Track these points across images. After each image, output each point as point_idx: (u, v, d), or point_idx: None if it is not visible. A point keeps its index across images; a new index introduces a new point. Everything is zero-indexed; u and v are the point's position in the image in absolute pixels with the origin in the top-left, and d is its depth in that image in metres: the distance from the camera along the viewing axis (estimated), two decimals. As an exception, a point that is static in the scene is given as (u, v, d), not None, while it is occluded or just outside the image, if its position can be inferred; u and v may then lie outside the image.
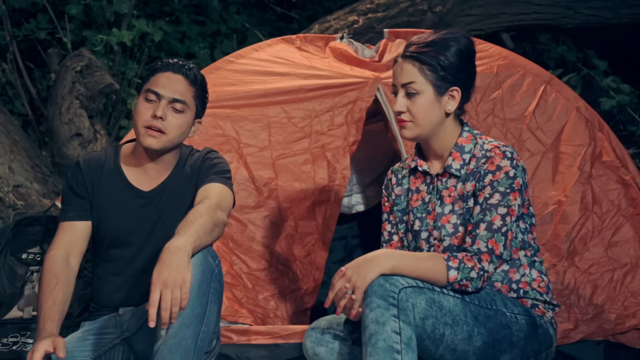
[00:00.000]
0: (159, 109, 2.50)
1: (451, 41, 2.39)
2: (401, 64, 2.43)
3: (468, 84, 2.44)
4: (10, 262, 2.85)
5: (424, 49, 2.39)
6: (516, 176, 2.35)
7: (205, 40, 6.13)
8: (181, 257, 2.14)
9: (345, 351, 2.39)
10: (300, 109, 3.40)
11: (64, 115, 4.67)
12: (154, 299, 2.10)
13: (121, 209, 2.59)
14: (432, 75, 2.38)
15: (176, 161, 2.64)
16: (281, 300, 3.24)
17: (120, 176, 2.61)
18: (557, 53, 5.57)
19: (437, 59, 2.37)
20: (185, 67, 2.57)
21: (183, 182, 2.61)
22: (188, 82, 2.56)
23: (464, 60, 2.40)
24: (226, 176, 2.57)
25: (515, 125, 3.34)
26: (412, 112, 2.41)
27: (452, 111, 2.43)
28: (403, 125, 2.44)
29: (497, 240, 2.30)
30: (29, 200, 4.35)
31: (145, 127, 2.51)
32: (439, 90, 2.40)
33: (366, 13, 5.04)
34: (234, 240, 3.21)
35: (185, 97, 2.54)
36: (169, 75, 2.55)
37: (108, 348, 2.51)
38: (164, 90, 2.53)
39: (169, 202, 2.59)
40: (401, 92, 2.43)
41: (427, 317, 2.18)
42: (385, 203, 2.64)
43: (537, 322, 2.35)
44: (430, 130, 2.44)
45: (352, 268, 2.23)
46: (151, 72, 2.58)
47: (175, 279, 2.11)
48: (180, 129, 2.55)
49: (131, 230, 2.58)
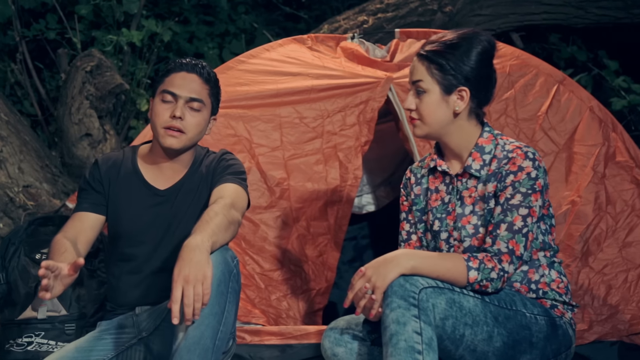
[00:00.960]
0: (177, 109, 2.53)
1: (465, 41, 2.38)
2: (414, 62, 2.44)
3: (482, 85, 2.42)
4: (23, 263, 2.85)
5: (435, 48, 2.39)
6: (538, 177, 2.34)
7: (213, 41, 6.13)
8: (200, 254, 2.15)
9: (364, 351, 2.38)
10: (312, 109, 3.40)
11: (74, 116, 4.67)
12: (177, 295, 2.10)
13: (137, 206, 2.61)
14: (439, 75, 2.38)
15: (192, 161, 2.66)
16: (293, 300, 3.24)
17: (137, 174, 2.64)
18: (567, 53, 5.54)
19: (446, 58, 2.37)
20: (199, 65, 2.60)
21: (198, 182, 2.62)
22: (203, 80, 2.59)
23: (477, 61, 2.39)
24: (241, 177, 2.59)
25: (528, 126, 3.33)
26: (419, 110, 2.42)
27: (461, 111, 2.42)
28: (413, 123, 2.46)
29: (517, 241, 2.29)
30: (40, 200, 4.35)
31: (165, 128, 2.54)
32: (446, 89, 2.39)
33: (376, 13, 5.03)
34: (247, 241, 3.21)
35: (202, 96, 2.57)
36: (183, 75, 2.57)
37: (125, 348, 2.52)
38: (180, 90, 2.55)
39: (184, 201, 2.61)
40: (412, 90, 2.45)
41: (447, 318, 2.18)
42: (403, 202, 2.63)
43: (556, 323, 2.35)
44: (439, 129, 2.44)
45: (371, 268, 2.23)
46: (165, 73, 2.60)
47: (196, 275, 2.12)
48: (198, 127, 2.58)
49: (146, 228, 2.59)
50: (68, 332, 2.78)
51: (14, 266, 2.85)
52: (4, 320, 2.82)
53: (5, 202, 4.28)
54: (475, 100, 2.42)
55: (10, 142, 4.41)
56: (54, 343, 2.77)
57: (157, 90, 2.60)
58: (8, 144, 4.40)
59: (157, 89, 2.60)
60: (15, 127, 4.52)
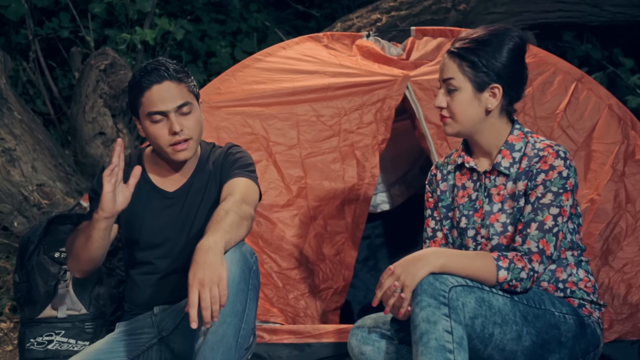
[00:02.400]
0: (173, 124, 2.47)
1: (497, 37, 2.36)
2: (444, 59, 2.42)
3: (514, 82, 2.41)
4: (43, 261, 2.85)
5: (466, 45, 2.37)
6: (569, 176, 2.33)
7: (225, 39, 6.12)
8: (214, 255, 2.13)
9: (392, 350, 2.37)
10: (329, 107, 3.39)
11: (88, 114, 4.67)
12: (193, 299, 2.09)
13: (148, 211, 2.59)
14: (472, 72, 2.36)
15: (198, 159, 2.63)
16: (311, 299, 3.23)
17: (144, 178, 2.61)
18: (581, 51, 5.52)
19: (478, 55, 2.35)
20: (162, 70, 2.49)
21: (207, 180, 2.60)
22: (176, 81, 2.49)
23: (509, 57, 2.37)
24: (249, 169, 2.56)
25: (546, 124, 3.32)
26: (451, 108, 2.40)
27: (493, 109, 2.40)
28: (444, 121, 2.43)
29: (548, 241, 2.27)
30: (54, 199, 4.35)
31: (172, 146, 2.50)
32: (478, 87, 2.37)
33: (389, 11, 5.02)
34: (264, 239, 3.20)
35: (184, 97, 2.50)
36: (158, 89, 2.47)
37: (145, 348, 2.51)
38: (165, 105, 2.48)
39: (195, 200, 2.59)
40: (442, 87, 2.42)
41: (477, 317, 2.16)
42: (428, 199, 2.61)
43: (585, 322, 2.33)
44: (470, 127, 2.42)
45: (400, 266, 2.21)
46: (138, 93, 2.50)
47: (211, 277, 2.10)
48: (198, 124, 2.54)
49: (160, 231, 2.58)
50: (88, 331, 2.78)
51: (33, 264, 2.84)
52: (25, 319, 2.82)
53: (19, 200, 4.28)
54: (507, 97, 2.41)
55: (23, 141, 4.41)
56: (74, 342, 2.77)
57: (139, 113, 2.51)
58: (22, 142, 4.40)
59: (138, 111, 2.51)
60: (29, 125, 4.52)
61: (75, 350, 2.74)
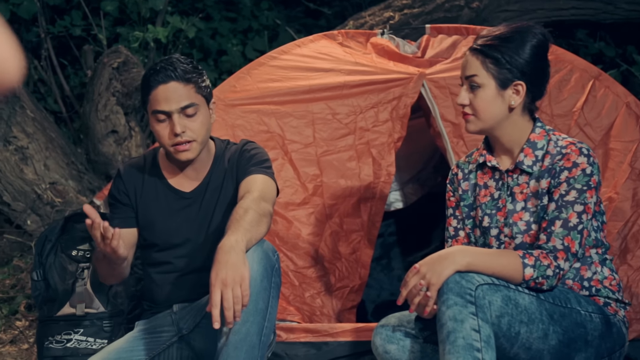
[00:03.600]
0: (175, 126, 2.45)
1: (519, 34, 2.35)
2: (467, 57, 2.40)
3: (537, 79, 2.39)
4: (60, 259, 2.84)
5: (489, 41, 2.35)
6: (593, 173, 2.31)
7: (236, 37, 6.12)
8: (236, 255, 2.12)
9: (417, 349, 2.35)
10: (344, 105, 3.37)
11: (101, 112, 4.67)
12: (216, 299, 2.08)
13: (166, 212, 2.58)
14: (495, 69, 2.34)
15: (213, 158, 2.61)
16: (327, 297, 3.22)
17: (161, 179, 2.60)
18: (594, 49, 5.50)
19: (501, 52, 2.33)
20: (170, 70, 2.46)
21: (223, 178, 2.58)
22: (183, 82, 2.47)
23: (532, 54, 2.35)
24: (265, 165, 2.54)
25: (563, 122, 3.30)
26: (474, 105, 2.38)
27: (517, 106, 2.39)
28: (466, 118, 2.41)
29: (573, 238, 2.26)
30: (67, 197, 4.35)
31: (173, 146, 2.48)
32: (502, 84, 2.36)
33: (402, 9, 5.00)
34: (280, 237, 3.19)
35: (191, 99, 2.47)
36: (164, 89, 2.46)
37: (166, 346, 2.50)
38: (168, 106, 2.46)
39: (212, 199, 2.57)
40: (465, 85, 2.40)
41: (503, 315, 2.15)
42: (450, 198, 2.60)
43: (610, 321, 2.32)
44: (493, 124, 2.40)
45: (426, 265, 2.20)
46: (145, 91, 2.50)
47: (233, 277, 2.09)
48: (203, 127, 2.50)
49: (178, 232, 2.57)
50: (106, 329, 2.78)
51: (51, 263, 2.84)
52: (43, 317, 2.82)
53: (33, 199, 4.28)
54: (530, 94, 2.39)
55: (36, 139, 4.41)
56: (92, 340, 2.77)
57: (147, 109, 2.52)
58: (34, 140, 4.40)
59: (147, 108, 2.52)
60: (41, 123, 4.52)
61: (93, 348, 2.74)
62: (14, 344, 3.38)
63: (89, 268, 2.81)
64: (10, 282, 3.85)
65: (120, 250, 2.27)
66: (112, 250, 2.26)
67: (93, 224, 2.22)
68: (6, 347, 3.34)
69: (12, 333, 3.44)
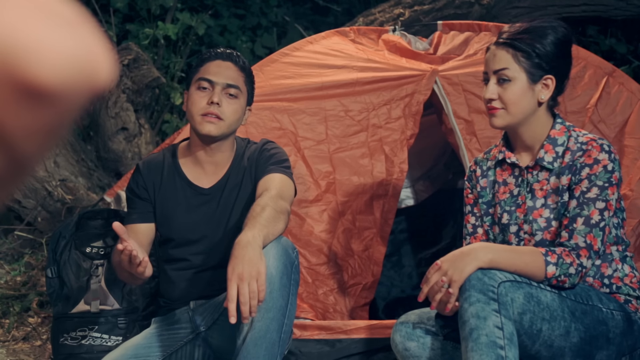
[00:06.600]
0: (214, 95, 2.50)
1: (548, 29, 2.34)
2: (494, 50, 2.37)
3: (563, 74, 2.39)
4: (75, 257, 2.84)
5: (518, 35, 2.34)
6: (614, 170, 2.30)
7: (245, 34, 6.11)
8: (252, 250, 2.12)
9: (437, 346, 2.34)
10: (357, 102, 3.37)
11: (111, 109, 4.66)
12: (232, 294, 2.08)
13: (184, 207, 2.58)
14: (527, 62, 2.32)
15: (233, 155, 2.62)
16: (340, 295, 3.21)
17: (180, 175, 2.61)
18: (605, 45, 5.47)
19: (533, 45, 2.32)
20: (234, 54, 2.59)
21: (242, 176, 2.59)
22: (238, 68, 2.57)
23: (560, 49, 2.34)
24: (285, 165, 2.55)
25: (577, 118, 3.29)
26: (503, 99, 2.35)
27: (545, 100, 2.38)
28: (493, 112, 2.37)
29: (595, 236, 2.25)
30: (77, 194, 4.34)
31: (202, 115, 2.50)
32: (532, 77, 2.34)
33: (412, 5, 4.99)
34: (293, 234, 3.18)
35: (238, 82, 2.55)
36: (219, 63, 2.55)
37: (183, 343, 2.50)
38: (217, 77, 2.53)
39: (230, 197, 2.58)
40: (493, 79, 2.37)
41: (525, 312, 2.13)
42: (468, 195, 2.59)
43: (632, 318, 2.30)
44: (521, 119, 2.38)
45: (448, 261, 2.18)
46: (199, 63, 2.58)
47: (250, 272, 2.09)
48: (235, 114, 2.54)
49: (195, 227, 2.57)
50: (121, 326, 2.77)
51: (65, 260, 2.84)
52: (57, 314, 2.82)
53: (43, 196, 4.28)
54: (555, 89, 2.38)
55: (47, 136, 4.41)
56: (107, 337, 2.76)
57: (192, 80, 2.57)
58: (45, 137, 4.40)
59: (192, 79, 2.57)
60: (52, 120, 4.51)
61: (109, 345, 2.74)
62: (27, 340, 3.37)
63: (103, 265, 2.81)
64: (22, 279, 3.85)
65: (146, 274, 2.27)
66: (138, 274, 2.26)
67: (124, 250, 2.21)
68: (19, 344, 3.34)
69: (24, 330, 3.44)
